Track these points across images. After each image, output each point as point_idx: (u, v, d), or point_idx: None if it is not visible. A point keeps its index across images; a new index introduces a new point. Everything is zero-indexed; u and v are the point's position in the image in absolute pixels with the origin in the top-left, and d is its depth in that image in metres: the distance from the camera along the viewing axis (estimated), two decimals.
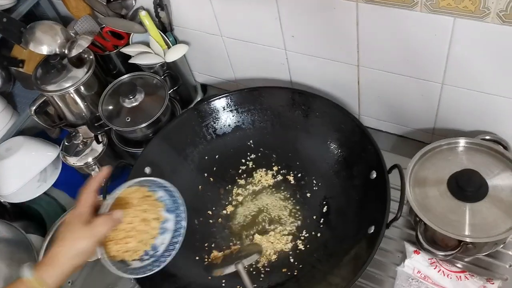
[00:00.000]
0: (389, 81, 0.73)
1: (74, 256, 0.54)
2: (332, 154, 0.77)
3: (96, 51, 0.93)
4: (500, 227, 0.60)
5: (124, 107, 0.85)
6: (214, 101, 0.82)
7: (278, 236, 0.73)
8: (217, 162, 0.83)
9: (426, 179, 0.66)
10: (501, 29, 0.55)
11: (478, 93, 0.66)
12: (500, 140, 0.69)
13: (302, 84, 0.85)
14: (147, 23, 0.85)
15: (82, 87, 0.88)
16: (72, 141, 0.87)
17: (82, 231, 0.54)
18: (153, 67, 0.89)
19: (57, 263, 0.53)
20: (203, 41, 0.89)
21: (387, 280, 0.68)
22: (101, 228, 0.55)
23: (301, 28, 0.73)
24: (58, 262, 0.53)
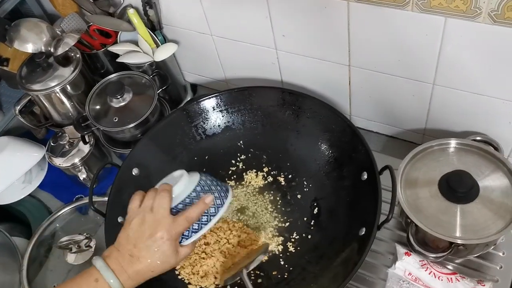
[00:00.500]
0: (380, 82, 0.73)
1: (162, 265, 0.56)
2: (323, 155, 0.76)
3: (83, 49, 0.92)
4: (491, 228, 0.60)
5: (111, 107, 0.83)
6: (204, 101, 0.81)
7: (268, 238, 0.72)
8: (207, 163, 0.81)
9: (417, 180, 0.65)
10: (492, 29, 0.55)
11: (469, 93, 0.66)
12: (491, 141, 0.69)
13: (293, 84, 0.85)
14: (135, 21, 0.84)
15: (68, 86, 0.86)
16: (58, 141, 0.85)
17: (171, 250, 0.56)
18: (142, 66, 0.87)
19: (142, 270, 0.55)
20: (193, 40, 0.88)
21: (378, 282, 0.68)
22: (162, 197, 0.57)
23: (292, 27, 0.73)
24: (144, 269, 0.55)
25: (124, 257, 0.55)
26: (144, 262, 0.55)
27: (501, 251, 0.67)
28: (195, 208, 0.57)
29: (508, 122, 0.67)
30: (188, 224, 0.57)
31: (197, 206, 0.58)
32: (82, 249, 0.78)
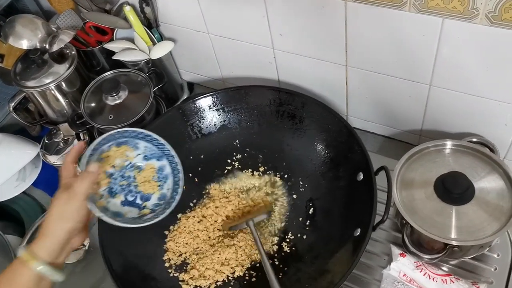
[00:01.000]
0: (377, 82, 0.72)
1: (62, 220, 0.54)
2: (319, 155, 0.76)
3: (79, 46, 0.91)
4: (486, 230, 0.60)
5: (107, 105, 0.82)
6: (200, 99, 0.80)
7: (263, 238, 0.72)
8: (202, 162, 0.81)
9: (413, 181, 0.65)
10: (489, 31, 0.55)
11: (466, 95, 0.66)
12: (487, 143, 0.69)
13: (290, 84, 0.84)
14: (131, 18, 0.83)
15: (63, 83, 0.86)
16: (53, 139, 0.85)
17: (65, 195, 0.54)
18: (138, 64, 0.87)
19: (47, 232, 0.53)
20: (190, 38, 0.87)
21: (373, 283, 0.67)
22: (79, 184, 0.55)
23: (289, 26, 0.72)
24: (47, 231, 0.53)
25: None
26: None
27: (496, 253, 0.67)
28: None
29: (504, 123, 0.67)
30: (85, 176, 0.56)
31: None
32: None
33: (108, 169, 0.63)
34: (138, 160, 0.66)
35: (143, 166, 0.66)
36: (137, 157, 0.66)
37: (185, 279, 0.69)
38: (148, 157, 0.66)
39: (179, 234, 0.73)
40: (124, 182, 0.64)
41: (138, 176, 0.65)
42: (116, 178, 0.64)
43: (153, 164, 0.66)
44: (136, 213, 0.64)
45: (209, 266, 0.69)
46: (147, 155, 0.66)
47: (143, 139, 0.65)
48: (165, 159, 0.66)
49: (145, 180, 0.65)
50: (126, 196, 0.64)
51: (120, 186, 0.64)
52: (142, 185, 0.65)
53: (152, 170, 0.66)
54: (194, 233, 0.73)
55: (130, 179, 0.65)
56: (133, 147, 0.65)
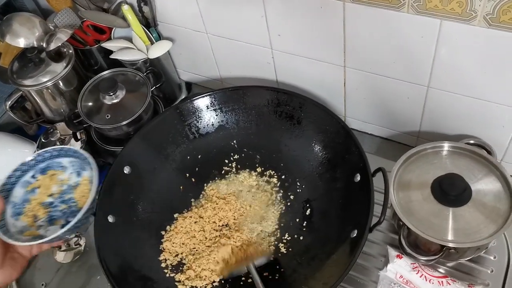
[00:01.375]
0: (375, 83, 0.72)
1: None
2: (316, 156, 0.76)
3: (77, 45, 0.91)
4: (482, 232, 0.60)
5: (104, 104, 0.82)
6: (198, 99, 0.80)
7: (259, 238, 0.72)
8: (200, 162, 0.81)
9: (410, 183, 0.65)
10: (487, 33, 0.55)
11: (463, 97, 0.66)
12: (484, 145, 0.69)
13: (288, 84, 0.84)
14: (129, 18, 0.83)
15: (60, 82, 0.85)
16: (49, 138, 0.84)
17: None
18: (136, 63, 0.86)
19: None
20: (188, 38, 0.87)
21: (369, 285, 0.67)
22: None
23: (288, 27, 0.72)
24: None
25: None
26: None
27: (493, 255, 0.67)
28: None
29: (502, 126, 0.67)
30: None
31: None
32: (72, 247, 0.77)
33: (46, 199, 0.62)
34: (72, 178, 0.65)
35: (79, 182, 0.65)
36: (70, 175, 0.65)
37: (181, 279, 0.69)
38: (79, 171, 0.65)
39: (176, 234, 0.73)
40: (65, 206, 0.64)
41: (76, 194, 0.64)
42: (56, 206, 0.63)
43: (85, 176, 0.65)
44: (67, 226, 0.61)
45: (205, 267, 0.68)
46: (76, 169, 0.65)
47: (64, 156, 0.64)
48: (90, 168, 0.65)
49: (83, 195, 0.64)
50: (68, 218, 0.63)
51: (60, 211, 0.63)
52: (80, 201, 0.64)
53: (86, 183, 0.65)
54: (191, 233, 0.73)
55: (71, 201, 0.64)
56: (60, 169, 0.64)
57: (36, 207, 0.62)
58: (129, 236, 0.70)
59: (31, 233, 0.61)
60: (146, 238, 0.72)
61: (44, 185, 0.63)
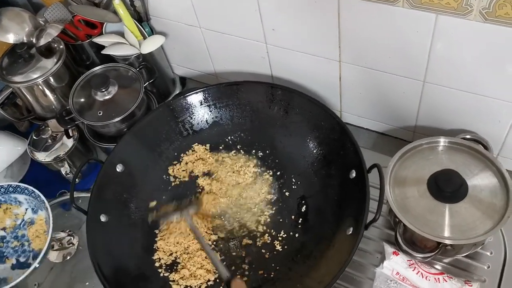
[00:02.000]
0: (371, 78, 0.71)
1: None
2: (311, 152, 0.75)
3: (68, 40, 0.89)
4: (479, 228, 0.60)
5: (96, 100, 0.81)
6: (191, 95, 0.79)
7: (255, 236, 0.71)
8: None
9: (406, 179, 0.65)
10: (483, 27, 0.54)
11: (459, 91, 0.65)
12: (481, 140, 0.68)
13: (283, 79, 0.83)
14: (121, 12, 0.81)
15: (51, 78, 0.84)
16: (41, 135, 0.83)
17: None
18: (128, 58, 0.85)
19: None
20: (181, 32, 0.86)
21: (366, 282, 0.67)
22: None
23: (282, 21, 0.71)
24: None
25: None
26: None
27: (489, 251, 0.67)
28: None
29: (498, 120, 0.66)
30: None
31: None
32: (65, 246, 0.76)
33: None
34: (29, 214, 0.63)
35: (35, 220, 0.63)
36: (26, 212, 0.63)
37: (175, 279, 0.68)
38: (35, 209, 0.63)
39: (170, 233, 0.72)
40: (17, 243, 0.62)
41: (30, 232, 0.63)
42: (8, 241, 0.62)
43: (41, 215, 0.64)
44: (22, 273, 0.60)
45: (200, 266, 0.68)
46: (33, 207, 0.63)
47: (17, 192, 0.62)
48: (45, 210, 0.63)
49: (37, 235, 0.63)
50: (19, 258, 0.62)
51: (12, 249, 0.62)
52: (34, 242, 0.63)
53: (41, 222, 0.63)
54: (185, 232, 0.72)
55: (24, 238, 0.62)
56: (16, 204, 0.62)
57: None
58: (122, 235, 0.69)
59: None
60: (140, 237, 0.72)
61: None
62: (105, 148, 0.84)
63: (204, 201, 0.73)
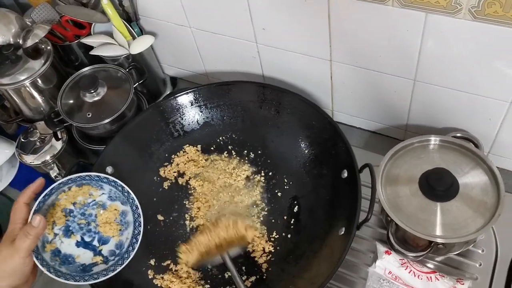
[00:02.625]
0: (362, 77, 0.71)
1: (5, 277, 0.51)
2: (303, 152, 0.75)
3: (56, 41, 0.88)
4: (470, 227, 0.60)
5: (85, 102, 0.80)
6: (181, 96, 0.78)
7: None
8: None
9: (398, 178, 0.64)
10: (472, 25, 0.54)
11: (450, 90, 0.65)
12: (471, 138, 0.68)
13: (274, 79, 0.83)
14: (109, 12, 0.80)
15: (39, 79, 0.83)
16: (29, 138, 0.82)
17: (7, 250, 0.51)
18: (118, 59, 0.84)
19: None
20: (171, 32, 0.85)
21: (359, 281, 0.67)
22: (22, 241, 0.52)
23: (272, 20, 0.70)
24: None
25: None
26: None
27: (481, 249, 0.67)
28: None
29: (489, 118, 0.66)
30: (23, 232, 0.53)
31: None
32: None
33: (68, 206, 0.61)
34: (103, 198, 0.63)
35: (107, 206, 0.63)
36: (102, 196, 0.63)
37: (165, 282, 0.67)
38: (113, 198, 0.64)
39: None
40: (83, 221, 0.62)
41: (100, 215, 0.63)
42: (75, 216, 0.62)
43: (117, 205, 0.64)
44: (90, 258, 0.62)
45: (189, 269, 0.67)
46: (111, 196, 0.63)
47: (108, 183, 0.63)
48: (129, 206, 0.64)
49: (107, 221, 0.63)
50: (83, 236, 0.62)
51: (78, 225, 0.62)
52: (103, 226, 0.63)
53: (115, 212, 0.64)
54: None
55: (91, 217, 0.63)
56: (97, 187, 0.63)
57: (57, 213, 0.60)
58: None
59: (51, 246, 0.60)
60: None
61: (72, 194, 0.61)
62: (95, 150, 0.83)
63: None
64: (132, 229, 0.64)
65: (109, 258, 0.63)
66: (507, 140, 0.69)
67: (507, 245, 0.66)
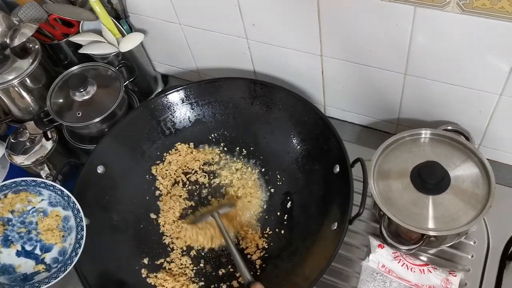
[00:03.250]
0: (353, 72, 0.71)
1: None
2: (295, 148, 0.75)
3: (44, 40, 0.87)
4: (462, 219, 0.60)
5: (75, 101, 0.79)
6: (171, 93, 0.78)
7: (241, 234, 0.71)
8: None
9: (390, 172, 0.65)
10: (461, 18, 0.54)
11: (440, 83, 0.65)
12: (462, 130, 0.69)
13: (266, 75, 0.82)
14: (98, 10, 0.79)
15: (27, 79, 0.82)
16: (18, 138, 0.81)
17: None
18: (107, 57, 0.83)
19: None
20: (161, 29, 0.84)
21: (353, 275, 0.67)
22: None
23: (262, 16, 0.70)
24: None
25: None
26: None
27: (472, 240, 0.67)
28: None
29: (479, 111, 0.67)
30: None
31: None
32: None
33: (6, 215, 0.59)
34: (43, 205, 0.62)
35: (48, 212, 0.62)
36: (42, 202, 0.62)
37: (159, 281, 0.67)
38: (53, 204, 0.62)
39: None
40: (23, 230, 0.61)
41: (41, 223, 0.61)
42: (14, 225, 0.60)
43: (58, 211, 0.62)
44: (32, 266, 0.60)
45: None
46: (52, 201, 0.62)
47: (46, 188, 0.61)
48: (71, 211, 0.62)
49: (49, 228, 0.61)
50: (24, 245, 0.60)
51: (18, 234, 0.60)
52: (45, 234, 0.61)
53: (57, 218, 0.62)
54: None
55: (32, 225, 0.61)
56: (35, 193, 0.61)
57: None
58: (104, 238, 0.68)
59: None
60: (123, 239, 0.70)
61: (9, 202, 0.60)
62: (86, 150, 0.83)
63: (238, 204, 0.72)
64: (74, 234, 0.62)
65: (52, 266, 0.61)
66: (497, 132, 0.69)
67: (498, 236, 0.67)
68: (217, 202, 0.74)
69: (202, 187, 0.77)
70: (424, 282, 0.63)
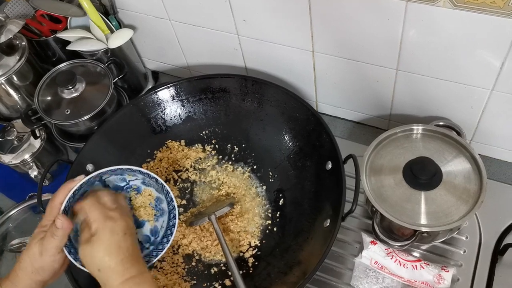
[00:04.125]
0: (345, 67, 0.71)
1: (33, 272, 0.52)
2: (287, 144, 0.74)
3: (31, 36, 0.85)
4: (454, 214, 0.60)
5: (63, 98, 0.78)
6: (161, 90, 0.77)
7: (233, 232, 0.70)
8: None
9: (382, 168, 0.65)
10: (453, 13, 0.54)
11: (432, 78, 0.65)
12: (454, 126, 0.69)
13: (257, 71, 0.82)
14: (85, 5, 0.78)
15: (14, 76, 0.80)
16: (6, 137, 0.79)
17: (36, 248, 0.52)
18: (96, 54, 0.82)
19: (18, 279, 0.52)
20: (151, 25, 0.83)
21: (346, 272, 0.67)
22: (49, 242, 0.52)
23: (253, 12, 0.69)
24: (18, 278, 0.52)
25: None
26: None
27: (465, 235, 0.67)
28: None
29: (470, 106, 0.67)
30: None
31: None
32: None
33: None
34: (137, 183, 0.60)
35: (141, 190, 0.61)
36: (136, 180, 0.60)
37: None
38: (147, 184, 0.61)
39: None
40: None
41: (135, 199, 0.60)
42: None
43: (151, 191, 0.61)
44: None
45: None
46: (145, 182, 0.61)
47: (141, 173, 0.60)
48: (164, 196, 0.61)
49: (142, 205, 0.60)
50: None
51: None
52: (138, 210, 0.60)
53: (150, 197, 0.61)
54: None
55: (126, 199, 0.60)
56: (130, 174, 0.60)
57: None
58: None
59: None
60: None
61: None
62: (75, 148, 0.81)
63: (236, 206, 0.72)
64: (167, 218, 0.60)
65: (144, 245, 0.59)
66: (489, 127, 0.69)
67: (490, 231, 0.67)
68: (213, 201, 0.72)
69: (193, 184, 0.76)
70: (417, 278, 0.63)
